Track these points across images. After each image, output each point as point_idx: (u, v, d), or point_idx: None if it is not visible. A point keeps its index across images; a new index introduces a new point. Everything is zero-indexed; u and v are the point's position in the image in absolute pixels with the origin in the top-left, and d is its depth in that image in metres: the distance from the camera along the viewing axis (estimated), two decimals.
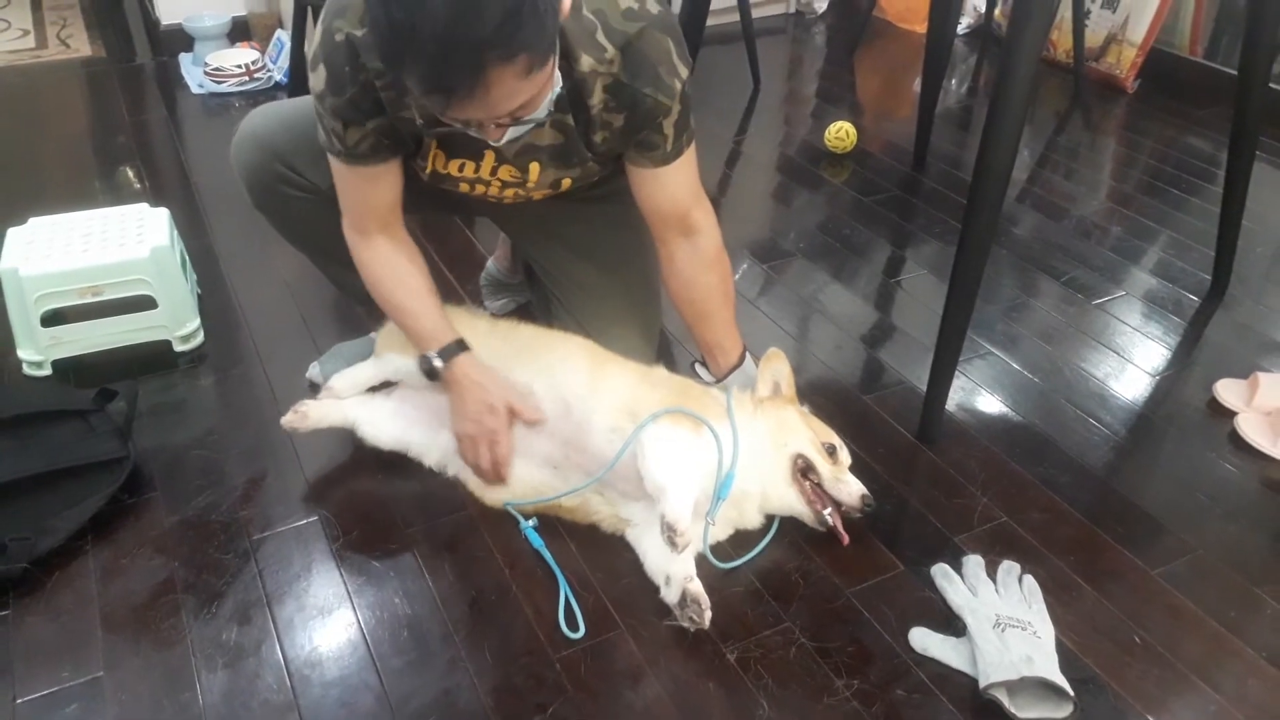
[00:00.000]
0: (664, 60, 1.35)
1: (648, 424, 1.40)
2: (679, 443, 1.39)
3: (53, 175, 2.64)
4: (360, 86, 1.30)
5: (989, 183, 1.46)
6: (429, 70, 1.08)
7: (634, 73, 1.34)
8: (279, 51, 3.21)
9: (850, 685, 1.27)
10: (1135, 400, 1.81)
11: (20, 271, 1.74)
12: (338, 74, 1.30)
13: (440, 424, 1.57)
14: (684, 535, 1.28)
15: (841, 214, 2.48)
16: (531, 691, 1.26)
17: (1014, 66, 1.38)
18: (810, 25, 3.93)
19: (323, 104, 1.33)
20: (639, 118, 1.39)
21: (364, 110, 1.33)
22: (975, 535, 1.50)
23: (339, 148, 1.38)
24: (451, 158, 1.46)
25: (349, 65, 1.28)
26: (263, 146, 1.53)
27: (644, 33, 1.32)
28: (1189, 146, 2.86)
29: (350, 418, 1.59)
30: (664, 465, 1.36)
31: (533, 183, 1.51)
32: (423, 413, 1.58)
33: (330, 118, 1.34)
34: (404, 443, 1.59)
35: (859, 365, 1.92)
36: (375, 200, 1.46)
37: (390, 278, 1.52)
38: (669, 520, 1.29)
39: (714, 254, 1.57)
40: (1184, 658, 1.31)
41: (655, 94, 1.36)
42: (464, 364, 1.49)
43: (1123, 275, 2.21)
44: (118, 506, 1.52)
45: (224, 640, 1.33)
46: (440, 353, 1.49)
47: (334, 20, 1.27)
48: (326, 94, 1.32)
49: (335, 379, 1.63)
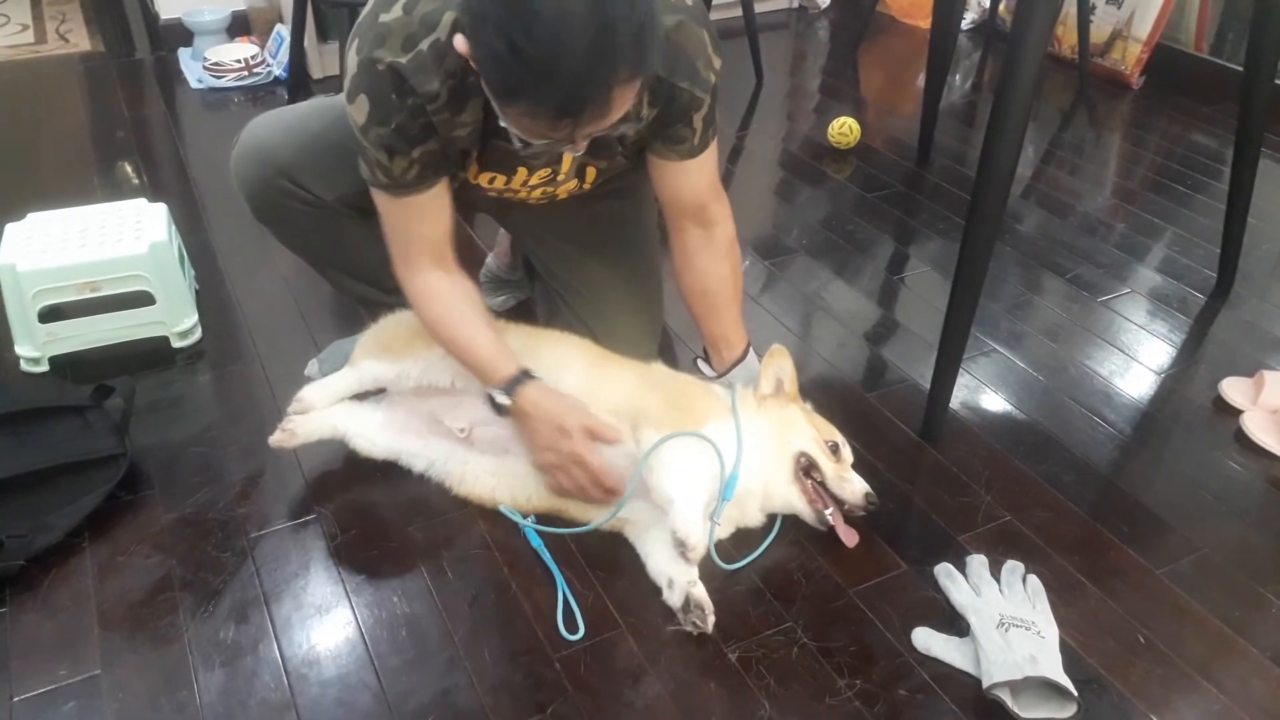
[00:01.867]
0: (700, 54, 1.34)
1: (657, 443, 1.37)
2: (685, 452, 1.38)
3: (51, 170, 2.64)
4: (408, 113, 1.27)
5: (993, 179, 1.45)
6: (565, 98, 1.08)
7: (671, 67, 1.32)
8: (278, 46, 3.20)
9: (853, 685, 1.26)
10: (1140, 398, 1.80)
11: (18, 267, 1.73)
12: (383, 103, 1.26)
13: (430, 431, 1.55)
14: (696, 549, 1.29)
15: (845, 210, 2.47)
16: (531, 691, 1.25)
17: (1019, 62, 1.37)
18: (813, 20, 3.92)
19: (366, 136, 1.30)
20: (673, 112, 1.38)
21: (412, 138, 1.30)
22: (979, 534, 1.49)
23: (384, 180, 1.35)
24: (484, 171, 1.45)
25: (395, 93, 1.25)
26: (265, 161, 1.51)
27: (682, 25, 1.31)
28: (1194, 143, 2.84)
29: (340, 430, 1.56)
30: (672, 476, 1.35)
31: (563, 174, 1.49)
32: (414, 420, 1.57)
33: (375, 150, 1.31)
34: (396, 452, 1.57)
35: (862, 362, 1.91)
36: (426, 231, 1.43)
37: (448, 316, 1.46)
38: (680, 534, 1.29)
39: (727, 245, 1.56)
40: (1189, 657, 1.30)
41: (691, 88, 1.35)
42: (531, 394, 1.42)
43: (1128, 272, 2.20)
44: (115, 504, 1.51)
45: (221, 638, 1.32)
46: (505, 388, 1.43)
47: (373, 50, 1.24)
48: (370, 125, 1.29)
49: (306, 390, 1.57)
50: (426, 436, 1.56)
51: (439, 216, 1.42)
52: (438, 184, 1.39)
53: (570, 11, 1.03)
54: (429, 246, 1.44)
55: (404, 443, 1.56)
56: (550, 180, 1.50)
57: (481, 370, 1.46)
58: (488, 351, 1.45)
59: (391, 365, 1.56)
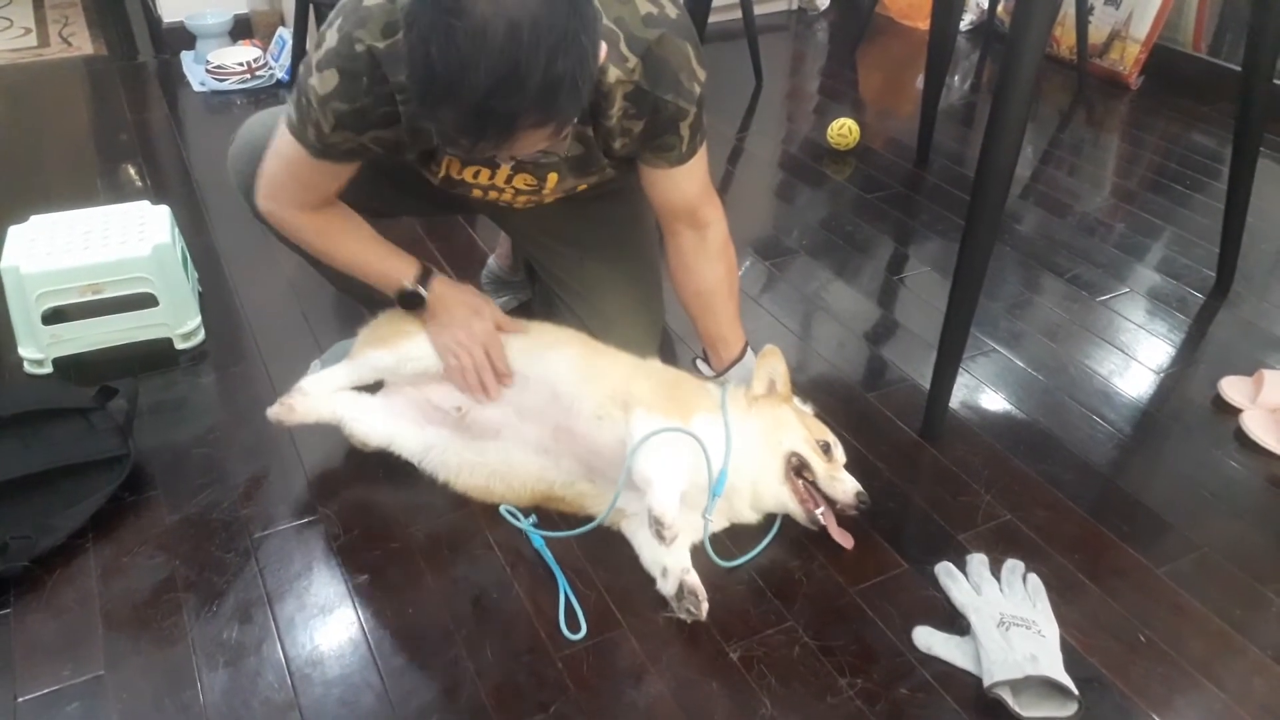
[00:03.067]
0: (684, 66, 1.34)
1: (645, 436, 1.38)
2: (668, 438, 1.39)
3: (54, 173, 2.64)
4: (375, 99, 1.28)
5: (992, 179, 1.46)
6: (463, 122, 1.10)
7: (655, 80, 1.33)
8: (281, 49, 3.20)
9: (854, 684, 1.27)
10: (1140, 397, 1.81)
11: (21, 269, 1.74)
12: (353, 83, 1.28)
13: (428, 420, 1.56)
14: (671, 528, 1.30)
15: (844, 211, 2.47)
16: (533, 690, 1.26)
17: (1017, 63, 1.38)
18: (812, 22, 3.92)
19: (323, 106, 1.31)
20: (659, 124, 1.38)
21: (370, 121, 1.31)
22: (979, 533, 1.49)
23: (312, 140, 1.35)
24: (466, 164, 1.46)
25: (367, 76, 1.27)
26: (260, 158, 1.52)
27: (664, 39, 1.32)
28: (1193, 143, 2.85)
29: (338, 414, 1.58)
30: (651, 458, 1.36)
31: (548, 191, 1.51)
32: (410, 408, 1.58)
33: (323, 117, 1.32)
34: (390, 438, 1.57)
35: (862, 362, 1.91)
36: (327, 187, 1.46)
37: (344, 235, 1.53)
38: (655, 513, 1.30)
39: (721, 245, 1.57)
40: (1189, 656, 1.31)
41: (676, 100, 1.36)
42: (442, 283, 1.54)
43: (1127, 272, 2.20)
44: (119, 505, 1.51)
45: (225, 639, 1.32)
46: (416, 279, 1.52)
47: (354, 30, 1.25)
48: (333, 98, 1.29)
49: (306, 380, 1.60)
50: (423, 424, 1.57)
51: (346, 177, 1.45)
52: (360, 161, 1.42)
53: (486, 44, 1.04)
54: (320, 197, 1.47)
55: (400, 428, 1.57)
56: (535, 190, 1.52)
57: (389, 274, 1.54)
58: (391, 258, 1.54)
59: (391, 351, 1.57)
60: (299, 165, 1.41)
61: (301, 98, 1.34)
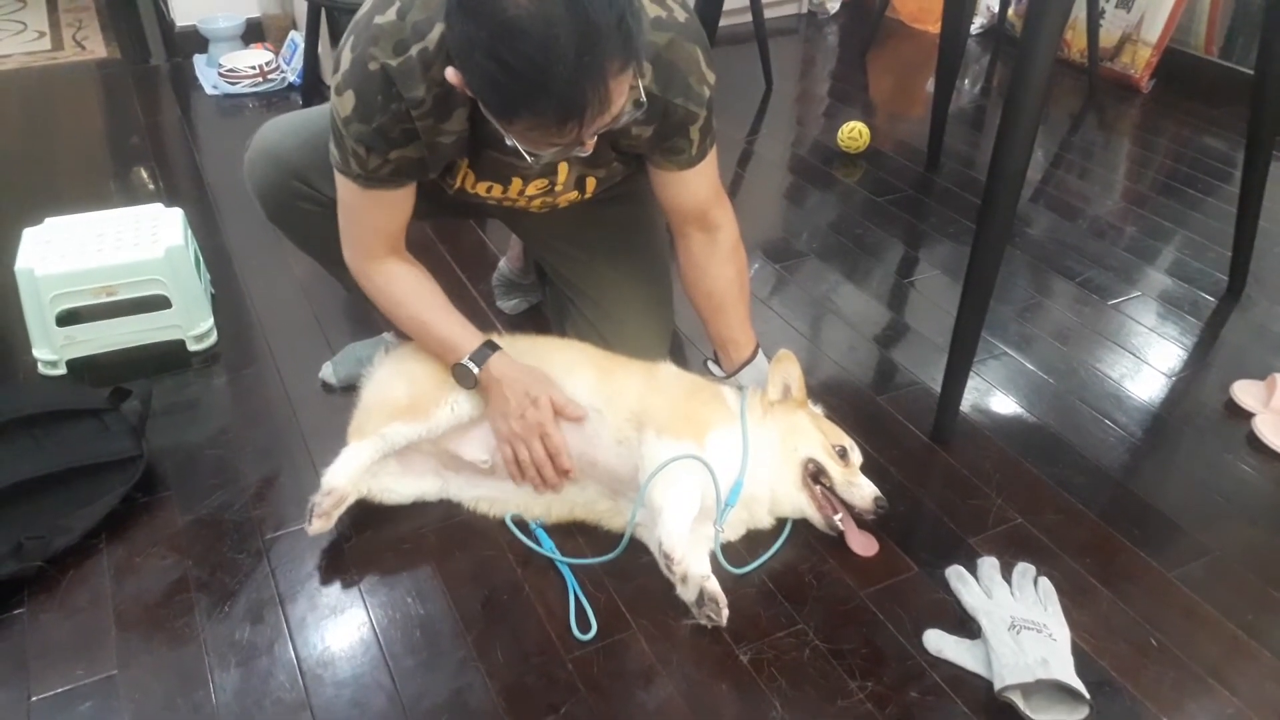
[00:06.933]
0: (694, 70, 1.35)
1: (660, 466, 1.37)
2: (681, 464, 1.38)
3: (68, 176, 2.66)
4: (391, 116, 1.29)
5: (1003, 183, 1.45)
6: (562, 102, 1.10)
7: (665, 84, 1.33)
8: (292, 53, 3.22)
9: (864, 687, 1.26)
10: (1151, 401, 1.80)
11: (36, 271, 1.75)
12: (369, 102, 1.28)
13: (445, 466, 1.54)
14: (680, 563, 1.31)
15: (854, 214, 2.47)
16: (544, 691, 1.26)
17: (1029, 66, 1.38)
18: (823, 25, 3.92)
19: (347, 129, 1.31)
20: (669, 127, 1.39)
21: (391, 140, 1.32)
22: (990, 537, 1.49)
23: (357, 170, 1.36)
24: (480, 180, 1.47)
25: (382, 94, 1.27)
26: (278, 164, 1.53)
27: (673, 43, 1.32)
28: (1204, 146, 2.84)
29: (364, 491, 1.50)
30: (663, 489, 1.36)
31: (560, 185, 1.51)
32: (429, 461, 1.55)
33: (353, 141, 1.32)
34: (417, 495, 1.54)
35: (872, 366, 1.91)
36: (387, 223, 1.45)
37: (412, 296, 1.50)
38: (665, 548, 1.31)
39: (731, 247, 1.57)
40: (1201, 660, 1.30)
41: (686, 104, 1.36)
42: (499, 363, 1.47)
43: (1138, 276, 2.20)
44: (132, 505, 1.52)
45: (237, 639, 1.33)
46: (473, 357, 1.46)
47: (367, 48, 1.26)
48: (353, 119, 1.30)
49: (330, 478, 1.44)
50: (444, 474, 1.55)
51: (402, 210, 1.44)
52: (409, 185, 1.41)
53: (551, 18, 1.04)
54: (387, 237, 1.47)
55: (424, 485, 1.54)
56: (548, 191, 1.52)
57: (448, 345, 1.49)
58: (453, 327, 1.50)
59: (425, 424, 1.48)
60: (354, 205, 1.42)
61: (335, 130, 1.34)
